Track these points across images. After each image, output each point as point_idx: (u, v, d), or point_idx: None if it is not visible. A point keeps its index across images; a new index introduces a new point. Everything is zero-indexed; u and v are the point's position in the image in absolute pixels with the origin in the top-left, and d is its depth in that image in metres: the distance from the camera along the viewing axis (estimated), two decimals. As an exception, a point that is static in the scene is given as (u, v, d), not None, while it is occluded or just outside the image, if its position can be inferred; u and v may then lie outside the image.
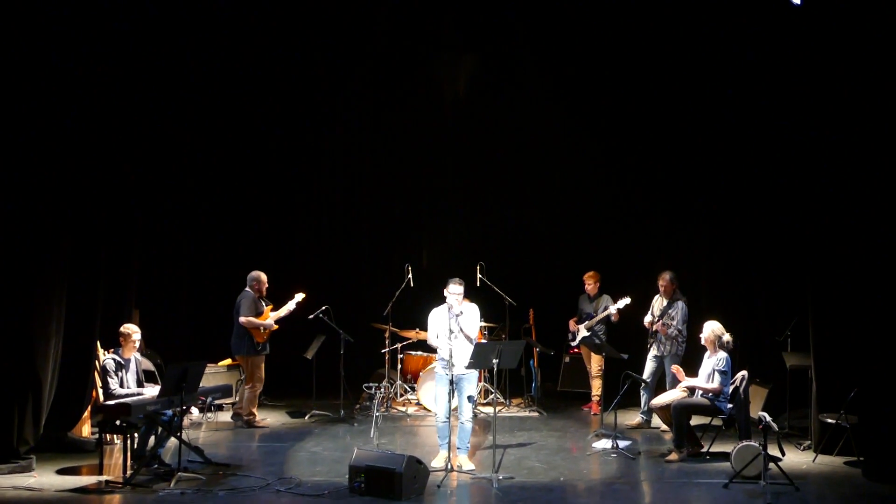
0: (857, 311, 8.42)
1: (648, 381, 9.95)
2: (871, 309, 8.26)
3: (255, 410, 10.14)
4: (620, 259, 11.91)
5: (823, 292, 8.75)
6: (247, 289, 10.14)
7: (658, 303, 10.24)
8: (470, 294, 10.58)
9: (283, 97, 12.34)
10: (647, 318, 10.24)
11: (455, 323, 8.05)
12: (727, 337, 8.66)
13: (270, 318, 10.10)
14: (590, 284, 11.00)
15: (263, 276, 10.23)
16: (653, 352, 10.15)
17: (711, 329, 8.70)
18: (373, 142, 12.93)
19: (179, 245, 11.85)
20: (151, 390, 8.24)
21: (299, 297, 10.21)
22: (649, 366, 10.14)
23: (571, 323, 11.12)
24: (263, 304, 10.19)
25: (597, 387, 10.81)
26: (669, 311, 10.04)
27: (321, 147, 12.86)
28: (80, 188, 8.84)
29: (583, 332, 10.91)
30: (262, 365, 10.12)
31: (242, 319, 9.98)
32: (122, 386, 8.13)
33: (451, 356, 7.92)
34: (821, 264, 8.79)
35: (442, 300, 8.23)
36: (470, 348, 8.00)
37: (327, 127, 12.82)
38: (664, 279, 10.15)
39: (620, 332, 10.92)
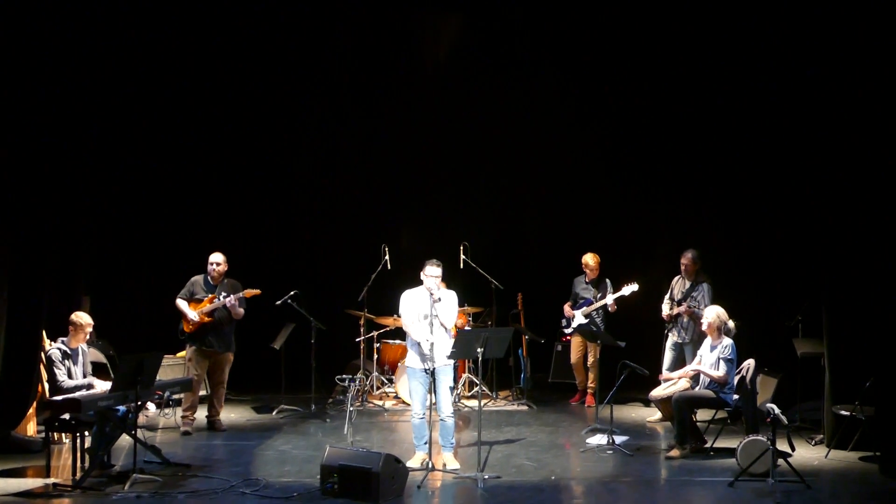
0: (875, 295, 8.41)
1: (671, 371, 9.90)
2: (889, 292, 8.27)
3: (187, 412, 9.61)
4: (618, 239, 11.92)
5: (838, 274, 8.75)
6: None
7: (679, 285, 10.21)
8: (454, 277, 10.64)
9: (245, 64, 12.09)
10: (665, 307, 10.21)
11: (434, 309, 7.99)
12: (732, 323, 8.68)
13: (196, 310, 9.56)
14: (591, 268, 10.90)
15: (213, 257, 9.72)
16: (672, 339, 10.16)
17: (717, 314, 8.67)
18: (345, 111, 12.77)
19: (134, 225, 11.77)
20: (101, 384, 8.20)
21: (246, 292, 9.62)
22: (669, 356, 10.15)
23: (566, 308, 11.08)
24: (212, 290, 9.69)
25: (591, 378, 10.85)
26: (693, 294, 10.01)
27: (288, 117, 12.69)
28: (21, 163, 8.75)
29: (579, 319, 10.86)
30: (195, 358, 9.61)
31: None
32: (70, 377, 8.09)
33: (431, 347, 7.90)
34: (835, 243, 8.79)
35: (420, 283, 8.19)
36: (447, 338, 8.00)
37: (294, 95, 12.61)
38: (686, 258, 10.10)
39: (620, 319, 10.92)
